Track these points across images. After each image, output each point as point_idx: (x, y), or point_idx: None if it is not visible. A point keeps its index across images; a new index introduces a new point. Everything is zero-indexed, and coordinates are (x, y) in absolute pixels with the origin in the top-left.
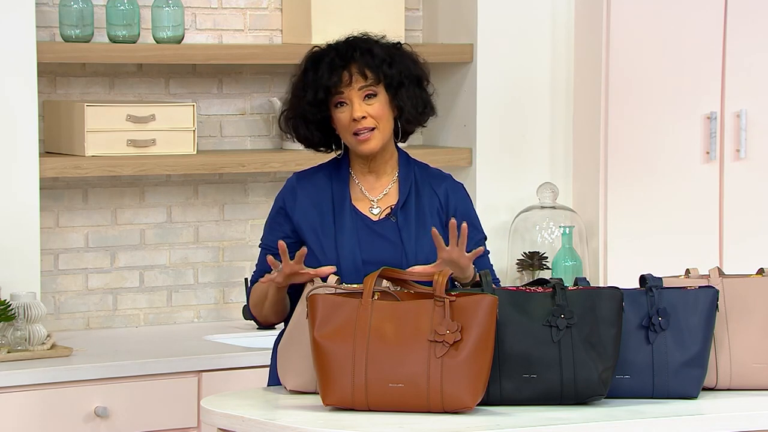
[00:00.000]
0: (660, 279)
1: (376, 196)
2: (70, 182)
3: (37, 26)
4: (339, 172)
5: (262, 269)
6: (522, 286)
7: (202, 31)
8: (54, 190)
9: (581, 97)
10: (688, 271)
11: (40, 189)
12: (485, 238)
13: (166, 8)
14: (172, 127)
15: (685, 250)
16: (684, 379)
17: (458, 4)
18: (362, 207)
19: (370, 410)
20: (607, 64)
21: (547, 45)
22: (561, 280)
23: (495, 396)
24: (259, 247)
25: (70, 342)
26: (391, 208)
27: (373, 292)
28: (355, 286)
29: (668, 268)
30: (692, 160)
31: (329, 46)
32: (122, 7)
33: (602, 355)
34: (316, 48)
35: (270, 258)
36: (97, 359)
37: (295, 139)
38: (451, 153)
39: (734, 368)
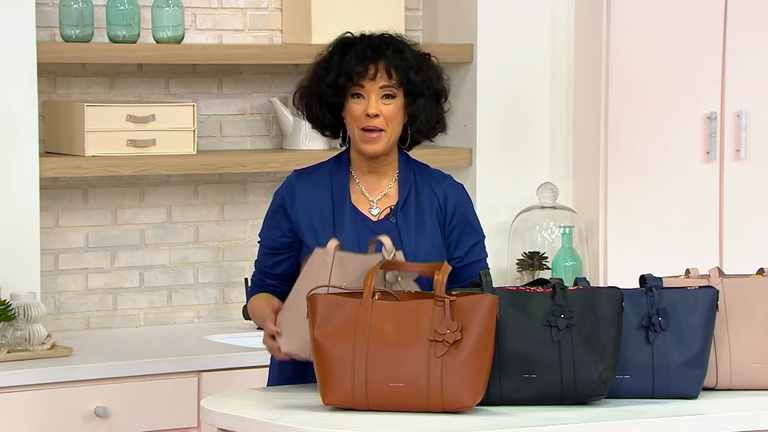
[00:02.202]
0: (660, 279)
1: (375, 196)
2: (70, 182)
3: (37, 26)
4: (339, 170)
5: (261, 269)
6: (522, 286)
7: (202, 31)
8: (54, 190)
9: (581, 97)
10: (688, 271)
11: (40, 189)
12: (484, 239)
13: (166, 8)
14: (172, 127)
15: (685, 250)
16: (684, 379)
17: (458, 4)
18: (362, 207)
19: (370, 410)
20: (607, 64)
21: (547, 45)
22: (561, 280)
23: (495, 396)
24: (258, 243)
25: (70, 342)
26: (390, 208)
27: (374, 292)
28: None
29: (668, 268)
30: (692, 160)
31: (362, 35)
32: (122, 7)
33: (602, 355)
34: (349, 34)
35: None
36: (97, 359)
37: (304, 118)
38: (451, 153)
39: (734, 368)
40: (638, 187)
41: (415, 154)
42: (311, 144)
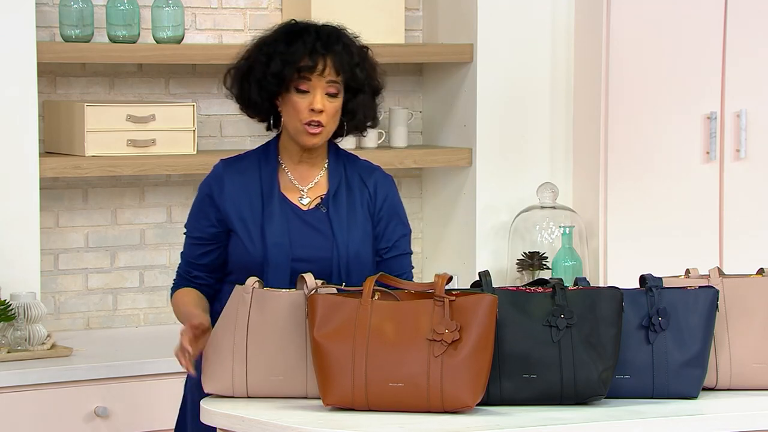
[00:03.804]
0: (660, 279)
1: (305, 185)
2: (70, 182)
3: (37, 26)
4: (267, 159)
5: (187, 260)
6: (522, 286)
7: (202, 31)
8: (54, 190)
9: (581, 97)
10: (688, 271)
11: (40, 189)
12: (410, 233)
13: (166, 8)
14: (172, 127)
15: (685, 250)
16: (684, 379)
17: (458, 4)
18: (291, 196)
19: (370, 410)
20: (607, 64)
21: (547, 45)
22: (561, 280)
23: (495, 396)
24: (184, 234)
25: (70, 342)
26: (321, 198)
27: (373, 292)
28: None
29: (668, 268)
30: (692, 160)
31: (309, 24)
32: (122, 7)
33: (602, 355)
34: (294, 21)
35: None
36: (97, 359)
37: (235, 99)
38: (451, 153)
39: (734, 368)
40: (638, 187)
41: (416, 153)
42: None
